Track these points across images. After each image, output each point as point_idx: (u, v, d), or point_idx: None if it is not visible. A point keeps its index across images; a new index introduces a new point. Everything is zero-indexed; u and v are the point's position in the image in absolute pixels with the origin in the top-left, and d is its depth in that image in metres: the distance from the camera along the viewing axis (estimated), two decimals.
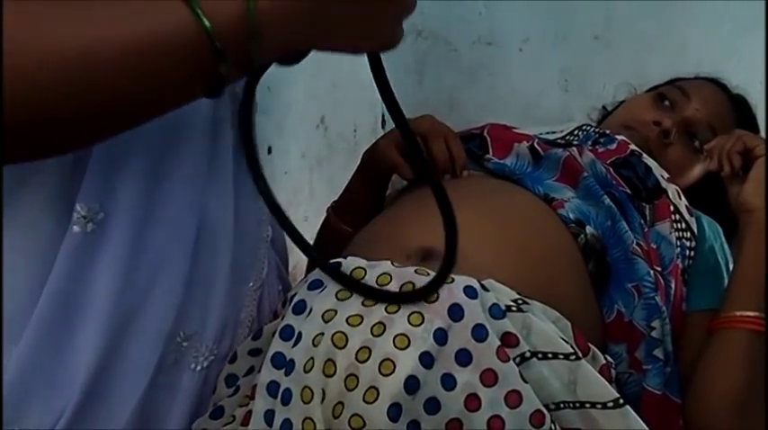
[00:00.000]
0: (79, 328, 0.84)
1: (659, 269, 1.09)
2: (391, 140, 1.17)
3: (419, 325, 0.85)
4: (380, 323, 0.86)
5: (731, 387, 1.04)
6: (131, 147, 0.84)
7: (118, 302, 0.84)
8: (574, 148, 1.19)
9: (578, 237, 1.07)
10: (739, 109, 1.38)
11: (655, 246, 1.11)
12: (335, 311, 0.89)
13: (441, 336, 0.85)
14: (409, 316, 0.86)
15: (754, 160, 1.16)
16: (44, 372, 0.83)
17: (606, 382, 0.91)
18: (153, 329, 0.88)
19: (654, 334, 1.06)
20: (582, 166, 1.15)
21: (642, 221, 1.11)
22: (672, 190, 1.18)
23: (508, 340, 0.88)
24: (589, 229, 1.07)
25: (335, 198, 1.28)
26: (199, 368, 0.93)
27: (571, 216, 1.08)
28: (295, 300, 0.93)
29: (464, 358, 0.86)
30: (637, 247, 1.07)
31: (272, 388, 0.89)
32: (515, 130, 1.26)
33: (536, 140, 1.21)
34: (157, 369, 0.89)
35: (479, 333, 0.86)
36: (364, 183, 1.24)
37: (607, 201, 1.10)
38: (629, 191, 1.14)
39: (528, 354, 0.89)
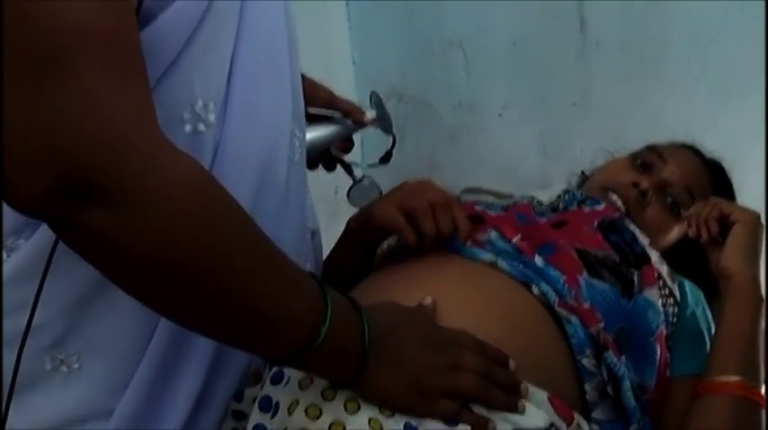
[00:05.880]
0: (184, 369, 0.92)
1: (601, 327, 1.09)
2: (391, 202, 1.14)
3: (390, 416, 0.87)
4: (354, 401, 0.87)
5: None
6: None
7: None
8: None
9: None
10: (715, 173, 1.41)
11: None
12: (311, 380, 0.90)
13: (411, 428, 0.87)
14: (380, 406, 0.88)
15: (731, 226, 1.18)
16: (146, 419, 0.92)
17: None
18: (239, 364, 0.97)
19: (588, 397, 1.06)
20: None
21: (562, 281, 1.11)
22: (655, 256, 1.20)
23: None
24: (534, 289, 1.08)
25: None
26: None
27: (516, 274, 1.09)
28: (274, 369, 0.95)
29: None
30: (560, 308, 1.08)
31: None
32: (480, 212, 1.24)
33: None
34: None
35: (450, 421, 0.88)
36: (354, 250, 1.21)
37: (521, 267, 1.10)
38: (616, 257, 1.15)
39: None
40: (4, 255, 0.85)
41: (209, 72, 0.84)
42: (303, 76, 1.06)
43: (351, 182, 1.30)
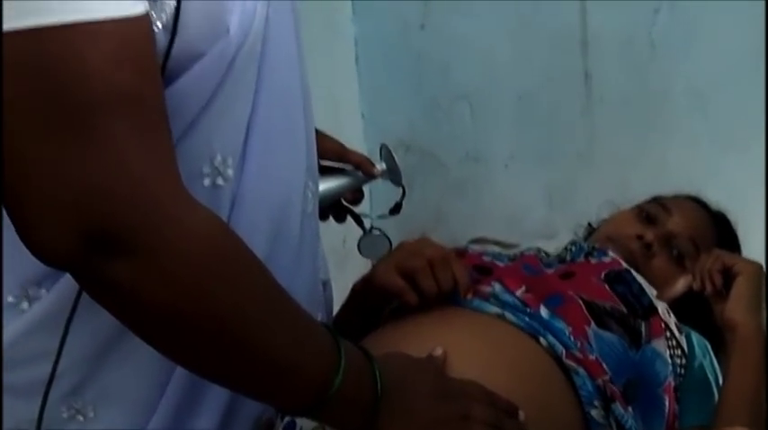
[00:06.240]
0: (198, 417, 0.93)
1: (608, 378, 1.10)
2: (391, 265, 1.16)
3: None
4: None
5: None
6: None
7: None
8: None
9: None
10: (719, 225, 1.43)
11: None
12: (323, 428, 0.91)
13: None
14: None
15: (734, 278, 1.20)
16: None
17: None
18: (252, 413, 0.97)
19: None
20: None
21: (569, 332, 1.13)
22: (662, 307, 1.21)
23: None
24: (542, 340, 1.10)
25: None
26: None
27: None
28: (286, 419, 0.96)
29: None
30: (568, 360, 1.09)
31: None
32: (488, 263, 1.26)
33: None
34: None
35: None
36: (361, 312, 1.22)
37: (526, 319, 1.12)
38: (624, 309, 1.17)
39: None
40: (25, 304, 0.87)
41: (228, 129, 0.87)
42: (315, 130, 1.09)
43: (360, 232, 1.31)
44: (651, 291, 1.23)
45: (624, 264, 1.26)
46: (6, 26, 0.67)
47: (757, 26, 1.67)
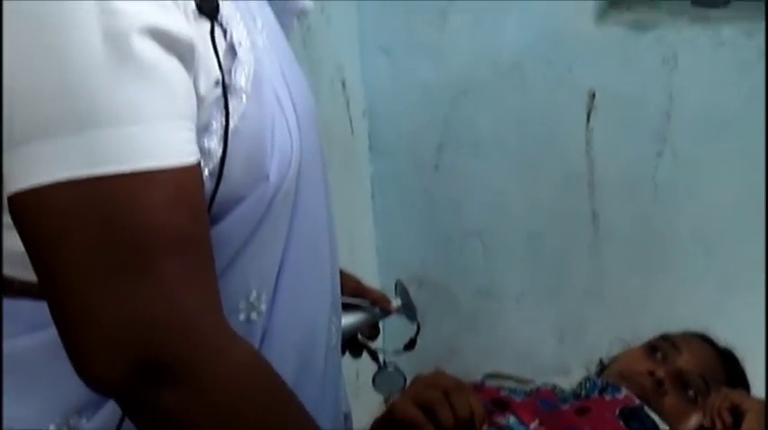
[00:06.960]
0: None
1: None
2: (408, 399, 1.19)
3: None
4: None
5: None
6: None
7: None
8: None
9: None
10: (727, 362, 1.46)
11: None
12: None
13: None
14: None
15: (743, 416, 1.23)
16: None
17: None
18: None
19: None
20: None
21: None
22: None
23: None
24: None
25: None
26: None
27: None
28: None
29: None
30: None
31: None
32: (504, 397, 1.29)
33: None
34: None
35: None
36: None
37: None
38: None
39: None
40: None
41: (263, 267, 0.92)
42: None
43: (373, 365, 1.33)
44: (664, 428, 1.25)
45: (637, 401, 1.29)
46: (70, 173, 0.73)
47: (758, 167, 1.74)
